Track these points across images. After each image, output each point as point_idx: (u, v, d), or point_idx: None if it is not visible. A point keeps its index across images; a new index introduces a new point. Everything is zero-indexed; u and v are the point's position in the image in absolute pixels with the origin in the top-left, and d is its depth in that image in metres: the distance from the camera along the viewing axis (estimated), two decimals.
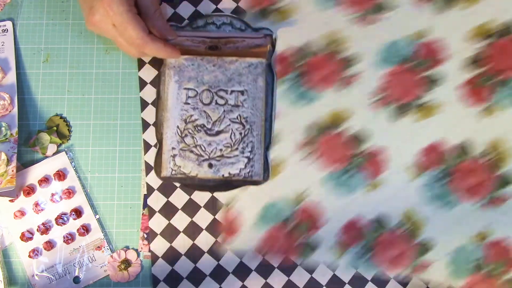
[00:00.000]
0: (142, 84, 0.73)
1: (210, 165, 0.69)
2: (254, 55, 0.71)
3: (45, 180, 0.70)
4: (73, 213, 0.69)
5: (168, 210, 0.70)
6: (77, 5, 0.74)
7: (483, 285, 0.67)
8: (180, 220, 0.69)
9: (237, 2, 0.74)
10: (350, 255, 0.68)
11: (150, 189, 0.70)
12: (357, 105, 0.71)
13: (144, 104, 0.72)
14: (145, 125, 0.72)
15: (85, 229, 0.69)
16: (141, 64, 0.73)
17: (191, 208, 0.70)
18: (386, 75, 0.71)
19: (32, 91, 0.72)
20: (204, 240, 0.69)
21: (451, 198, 0.69)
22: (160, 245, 0.69)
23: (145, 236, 0.69)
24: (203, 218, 0.69)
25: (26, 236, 0.68)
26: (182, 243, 0.69)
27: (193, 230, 0.69)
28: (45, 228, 0.68)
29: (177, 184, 0.70)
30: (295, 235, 0.68)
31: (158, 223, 0.69)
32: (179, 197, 0.70)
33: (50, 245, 0.68)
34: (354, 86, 0.71)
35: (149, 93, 0.72)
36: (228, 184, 0.70)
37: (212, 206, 0.69)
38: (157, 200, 0.70)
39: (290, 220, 0.68)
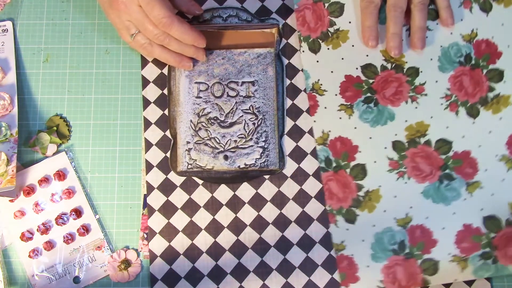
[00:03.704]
0: (145, 82, 0.73)
1: (226, 157, 0.69)
2: (262, 45, 0.71)
3: (45, 180, 0.70)
4: (73, 213, 0.69)
5: (168, 209, 0.70)
6: (77, 5, 0.74)
7: None
8: (180, 220, 0.69)
9: (241, 2, 0.74)
10: (474, 264, 0.67)
11: (150, 188, 0.70)
12: (432, 113, 0.71)
13: (146, 103, 0.72)
14: (147, 124, 0.72)
15: (85, 229, 0.69)
16: (144, 62, 0.73)
17: (190, 207, 0.70)
18: (451, 78, 0.71)
19: (32, 91, 0.73)
20: (203, 240, 0.69)
21: None
22: (158, 244, 0.69)
23: (145, 236, 0.69)
24: (203, 218, 0.69)
25: (26, 236, 0.68)
26: (181, 242, 0.69)
27: (192, 230, 0.69)
28: (45, 228, 0.69)
29: (177, 184, 0.70)
30: (411, 261, 0.68)
31: (157, 222, 0.69)
32: (179, 197, 0.70)
33: (50, 245, 0.68)
34: (423, 96, 0.71)
35: (151, 91, 0.72)
36: (244, 175, 0.70)
37: (212, 206, 0.70)
38: (156, 199, 0.70)
39: (401, 248, 0.68)
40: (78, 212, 0.69)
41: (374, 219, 0.69)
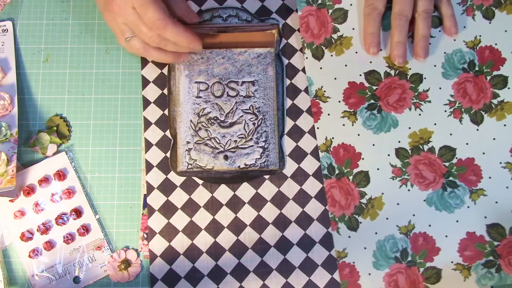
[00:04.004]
0: (145, 82, 0.73)
1: (226, 157, 0.69)
2: (263, 45, 0.71)
3: (45, 180, 0.70)
4: (73, 213, 0.69)
5: (168, 209, 0.70)
6: (77, 5, 0.75)
7: None
8: (180, 220, 0.69)
9: (241, 2, 0.74)
10: (477, 273, 0.67)
11: (150, 188, 0.70)
12: (436, 120, 0.71)
13: (146, 103, 0.72)
14: (147, 124, 0.72)
15: (85, 229, 0.69)
16: (144, 62, 0.73)
17: (190, 207, 0.70)
18: (455, 85, 0.71)
19: (32, 91, 0.73)
20: (203, 240, 0.69)
21: None
22: (158, 244, 0.69)
23: (145, 236, 0.69)
24: (203, 218, 0.69)
25: (26, 236, 0.68)
26: (181, 242, 0.69)
27: (192, 230, 0.69)
28: (45, 228, 0.69)
29: (177, 184, 0.70)
30: (414, 269, 0.68)
31: (157, 222, 0.69)
32: (179, 197, 0.70)
33: (50, 245, 0.68)
34: (427, 102, 0.71)
35: (151, 91, 0.72)
36: (244, 175, 0.70)
37: (212, 206, 0.70)
38: (156, 199, 0.70)
39: (404, 255, 0.68)
40: (78, 212, 0.69)
41: (377, 227, 0.69)
